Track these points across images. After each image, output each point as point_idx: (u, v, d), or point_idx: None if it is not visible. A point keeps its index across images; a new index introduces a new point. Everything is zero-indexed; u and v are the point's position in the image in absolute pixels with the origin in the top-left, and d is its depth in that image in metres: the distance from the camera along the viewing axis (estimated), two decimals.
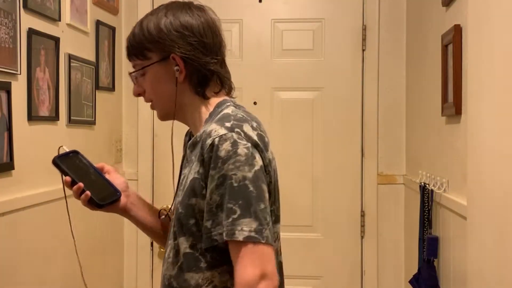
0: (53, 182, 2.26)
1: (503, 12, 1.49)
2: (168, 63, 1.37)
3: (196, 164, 1.29)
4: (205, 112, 1.39)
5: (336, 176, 3.23)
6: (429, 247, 2.26)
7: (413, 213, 2.80)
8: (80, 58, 2.53)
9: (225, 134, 1.26)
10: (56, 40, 2.30)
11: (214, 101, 1.40)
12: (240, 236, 1.22)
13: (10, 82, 1.95)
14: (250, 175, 1.25)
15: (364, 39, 3.20)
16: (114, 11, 3.01)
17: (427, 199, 2.35)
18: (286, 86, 3.25)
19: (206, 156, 1.25)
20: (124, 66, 3.17)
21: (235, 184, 1.23)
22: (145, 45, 1.38)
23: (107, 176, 1.50)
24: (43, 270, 2.17)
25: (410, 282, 2.42)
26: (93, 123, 2.67)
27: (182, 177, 1.37)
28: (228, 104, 1.38)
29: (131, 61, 1.43)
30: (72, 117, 2.41)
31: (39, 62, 2.16)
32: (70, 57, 2.42)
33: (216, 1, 3.28)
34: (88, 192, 1.42)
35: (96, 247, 2.66)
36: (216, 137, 1.25)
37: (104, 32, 2.85)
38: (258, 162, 1.27)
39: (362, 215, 3.23)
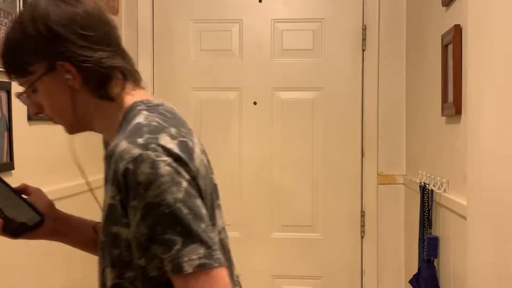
0: (53, 182, 2.26)
1: (503, 12, 1.49)
2: (57, 72, 1.15)
3: (110, 187, 1.08)
4: (116, 116, 1.18)
5: (336, 176, 3.23)
6: (429, 247, 2.26)
7: (413, 213, 2.80)
8: None
9: (140, 155, 1.04)
10: None
11: (125, 102, 1.19)
12: (189, 268, 1.02)
13: (10, 82, 1.95)
14: (180, 195, 1.04)
15: (364, 39, 3.20)
16: (114, 11, 3.01)
17: (427, 199, 2.35)
18: (286, 86, 3.25)
19: (121, 182, 1.05)
20: None
21: (167, 211, 1.03)
22: (23, 60, 1.16)
23: (29, 198, 1.31)
24: (43, 270, 2.17)
25: (410, 282, 2.42)
26: None
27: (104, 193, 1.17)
28: (140, 108, 1.16)
29: (15, 80, 1.20)
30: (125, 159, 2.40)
31: None
32: None
33: (216, 1, 3.31)
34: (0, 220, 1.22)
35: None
36: (130, 161, 1.04)
37: None
38: (185, 176, 1.07)
39: (362, 215, 3.23)
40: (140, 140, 1.07)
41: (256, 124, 3.25)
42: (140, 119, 1.12)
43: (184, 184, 1.06)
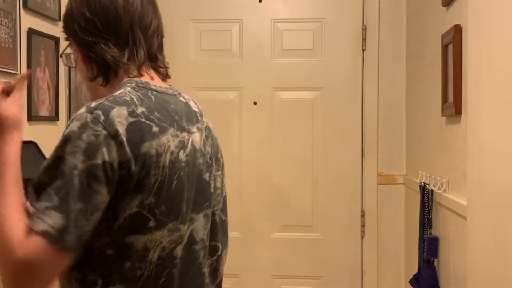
0: None
1: (503, 12, 1.49)
2: (73, 45, 1.28)
3: None
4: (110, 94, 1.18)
5: (336, 176, 3.23)
6: (429, 247, 2.26)
7: (413, 213, 2.80)
8: None
9: (80, 114, 1.08)
10: (56, 40, 2.30)
11: (120, 83, 1.21)
12: (38, 227, 1.02)
13: (10, 82, 1.95)
14: (81, 166, 1.04)
15: (364, 39, 3.21)
16: None
17: (427, 199, 2.35)
18: (286, 86, 3.25)
19: None
20: None
21: (64, 171, 1.04)
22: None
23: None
24: None
25: (410, 282, 2.42)
26: None
27: None
28: (128, 84, 1.17)
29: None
30: (72, 117, 2.40)
31: (39, 62, 2.16)
32: None
33: (216, 1, 3.31)
34: None
35: None
36: (72, 118, 1.09)
37: None
38: (103, 156, 1.05)
39: (362, 215, 3.23)
40: (94, 104, 1.09)
41: (256, 124, 3.25)
42: (120, 90, 1.15)
43: (96, 162, 1.05)
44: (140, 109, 1.11)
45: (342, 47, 3.22)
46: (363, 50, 3.21)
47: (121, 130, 1.07)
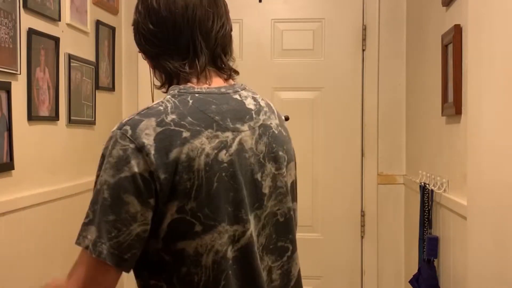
0: (53, 182, 2.26)
1: (503, 12, 1.49)
2: None
3: None
4: None
5: (336, 176, 3.23)
6: (429, 247, 2.26)
7: (413, 213, 2.80)
8: (80, 58, 2.53)
9: (113, 131, 1.14)
10: (56, 40, 2.30)
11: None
12: (82, 243, 1.11)
13: (10, 82, 1.95)
14: (111, 180, 1.10)
15: (364, 39, 3.21)
16: (114, 11, 3.01)
17: (427, 199, 2.35)
18: (286, 86, 3.25)
19: None
20: (124, 66, 3.17)
21: (97, 187, 1.12)
22: None
23: None
24: (43, 270, 2.17)
25: (410, 282, 2.42)
26: (93, 123, 2.67)
27: None
28: (171, 92, 1.21)
29: None
30: (72, 117, 2.41)
31: (39, 62, 2.16)
32: (70, 57, 2.42)
33: None
34: None
35: None
36: (109, 135, 1.16)
37: (104, 32, 2.85)
38: (131, 168, 1.09)
39: (362, 215, 3.23)
40: (126, 120, 1.15)
41: None
42: (159, 100, 1.19)
43: (124, 174, 1.10)
44: (170, 117, 1.14)
45: (342, 47, 3.22)
46: (363, 50, 3.21)
47: (148, 141, 1.11)
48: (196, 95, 1.20)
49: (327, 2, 3.24)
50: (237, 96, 1.25)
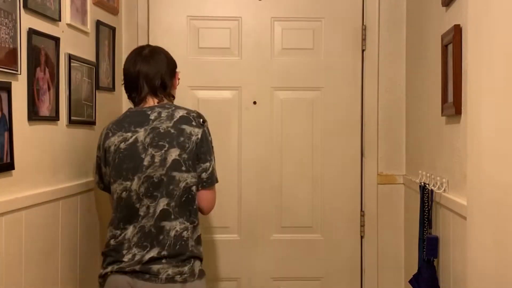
0: (53, 182, 2.27)
1: (503, 12, 1.49)
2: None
3: None
4: None
5: (336, 176, 3.23)
6: (429, 247, 2.26)
7: (413, 213, 2.80)
8: (80, 58, 2.53)
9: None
10: (56, 40, 2.29)
11: None
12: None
13: (10, 82, 1.95)
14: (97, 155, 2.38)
15: (364, 39, 3.21)
16: (114, 11, 3.01)
17: (427, 199, 2.35)
18: (285, 85, 3.24)
19: None
20: None
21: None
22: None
23: None
24: (43, 270, 2.17)
25: (410, 282, 2.42)
26: (93, 123, 2.67)
27: None
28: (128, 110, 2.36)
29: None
30: (72, 117, 2.40)
31: (39, 62, 2.16)
32: (70, 57, 2.42)
33: None
34: None
35: (97, 248, 2.66)
36: None
37: (104, 32, 2.85)
38: (96, 152, 2.37)
39: (362, 215, 3.23)
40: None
41: (255, 124, 3.24)
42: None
43: (97, 154, 2.37)
44: (111, 125, 2.30)
45: (342, 46, 3.22)
46: (363, 50, 3.21)
47: (101, 137, 2.33)
48: (128, 113, 2.31)
49: (327, 1, 3.23)
50: (149, 112, 2.25)
